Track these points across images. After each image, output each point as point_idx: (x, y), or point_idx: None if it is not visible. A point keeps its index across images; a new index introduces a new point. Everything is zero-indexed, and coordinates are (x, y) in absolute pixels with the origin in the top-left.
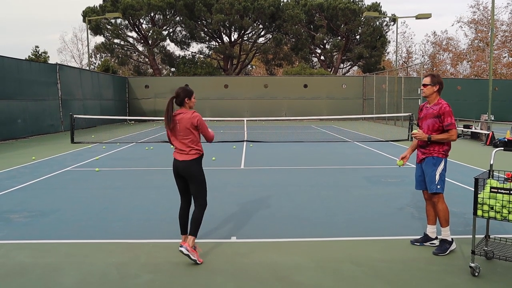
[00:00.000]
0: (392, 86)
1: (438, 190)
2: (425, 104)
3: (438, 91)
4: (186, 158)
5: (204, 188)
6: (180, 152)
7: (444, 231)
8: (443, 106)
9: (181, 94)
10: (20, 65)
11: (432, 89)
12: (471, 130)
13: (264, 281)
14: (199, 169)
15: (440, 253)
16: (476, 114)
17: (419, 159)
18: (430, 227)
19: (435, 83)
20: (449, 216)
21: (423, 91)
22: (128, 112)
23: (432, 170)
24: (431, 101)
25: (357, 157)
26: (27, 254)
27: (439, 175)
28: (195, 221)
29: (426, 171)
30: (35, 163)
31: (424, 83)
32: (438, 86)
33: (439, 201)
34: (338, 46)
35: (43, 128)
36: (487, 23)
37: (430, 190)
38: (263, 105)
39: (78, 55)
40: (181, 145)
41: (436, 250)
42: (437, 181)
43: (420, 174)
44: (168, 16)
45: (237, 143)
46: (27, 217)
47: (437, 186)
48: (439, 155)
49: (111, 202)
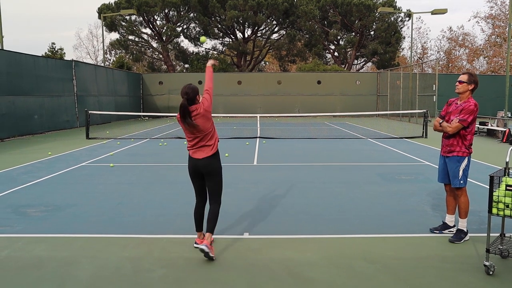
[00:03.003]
0: (406, 82)
1: (461, 185)
2: (455, 100)
3: (472, 90)
4: (207, 154)
5: (221, 184)
6: (199, 149)
7: (462, 222)
8: (469, 103)
9: (190, 93)
10: (37, 62)
11: (467, 87)
12: (487, 127)
13: (276, 277)
14: (220, 165)
15: (456, 241)
16: (493, 111)
17: (443, 151)
18: (449, 217)
19: (471, 82)
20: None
21: (458, 87)
22: (142, 108)
23: (456, 166)
24: (462, 98)
25: (370, 154)
26: (43, 248)
27: (463, 171)
28: (214, 218)
29: (450, 166)
30: (51, 158)
31: (460, 80)
32: (473, 86)
33: (462, 194)
34: (352, 42)
35: (59, 124)
36: (505, 18)
37: (453, 185)
38: (276, 101)
39: (93, 51)
40: (200, 142)
41: (452, 238)
42: (461, 176)
43: (444, 167)
44: (182, 12)
45: (250, 140)
46: (43, 211)
47: (460, 181)
48: (463, 154)
49: (126, 197)
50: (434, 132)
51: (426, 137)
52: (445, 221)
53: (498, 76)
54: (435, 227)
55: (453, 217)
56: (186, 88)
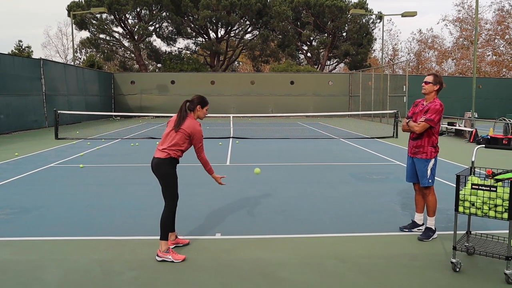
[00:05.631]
0: (378, 83)
1: (429, 184)
2: (421, 100)
3: (437, 90)
4: (159, 155)
5: (170, 190)
6: (157, 149)
7: (430, 220)
8: (434, 103)
9: (195, 100)
10: (3, 60)
11: (433, 87)
12: (455, 127)
13: (248, 277)
14: (169, 171)
15: (425, 239)
16: (460, 111)
17: (410, 152)
18: (418, 215)
19: (436, 82)
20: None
21: (424, 88)
22: (114, 108)
23: (423, 166)
24: (428, 99)
25: (342, 153)
26: (9, 252)
27: (430, 170)
28: (161, 223)
29: (418, 166)
30: (18, 159)
31: (426, 81)
32: (439, 86)
33: (430, 193)
34: (324, 43)
35: (26, 123)
36: (472, 21)
37: (422, 184)
38: (249, 101)
39: (63, 50)
40: (162, 142)
41: (421, 236)
42: (429, 175)
43: (412, 167)
44: (155, 11)
45: (223, 140)
46: (9, 214)
47: (428, 180)
48: (431, 156)
49: (95, 198)
50: (404, 132)
51: (397, 137)
52: (414, 220)
53: (466, 77)
54: (405, 226)
55: (422, 215)
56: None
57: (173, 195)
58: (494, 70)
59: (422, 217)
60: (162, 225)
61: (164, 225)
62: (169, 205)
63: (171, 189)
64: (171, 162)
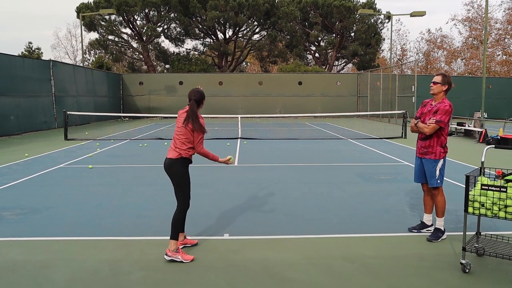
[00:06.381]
0: (386, 83)
1: (438, 184)
2: (430, 101)
3: (446, 91)
4: (171, 155)
5: (182, 190)
6: (170, 149)
7: (439, 221)
8: (444, 104)
9: (199, 96)
10: (13, 61)
11: (441, 88)
12: (464, 128)
13: (256, 277)
14: (181, 170)
15: (434, 240)
16: (470, 111)
17: (419, 152)
18: (427, 216)
19: (445, 82)
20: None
21: (432, 88)
22: (122, 109)
23: (432, 166)
24: (437, 99)
25: (350, 154)
26: (18, 251)
27: (439, 170)
28: (172, 222)
29: (426, 167)
30: (28, 160)
31: (435, 81)
32: (447, 87)
33: (439, 193)
34: (332, 43)
35: (36, 125)
36: (481, 21)
37: (431, 185)
38: (257, 102)
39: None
40: (174, 142)
41: (430, 237)
42: (438, 176)
43: (420, 168)
44: (163, 12)
45: (231, 140)
46: (19, 214)
47: (437, 181)
48: (440, 156)
49: (104, 199)
50: (413, 133)
51: (405, 138)
52: (423, 220)
53: (475, 77)
54: (413, 226)
55: (431, 216)
56: (196, 91)
57: (186, 195)
58: (504, 69)
59: (431, 218)
60: (173, 224)
61: (176, 224)
62: (181, 205)
63: (183, 189)
64: (183, 162)
